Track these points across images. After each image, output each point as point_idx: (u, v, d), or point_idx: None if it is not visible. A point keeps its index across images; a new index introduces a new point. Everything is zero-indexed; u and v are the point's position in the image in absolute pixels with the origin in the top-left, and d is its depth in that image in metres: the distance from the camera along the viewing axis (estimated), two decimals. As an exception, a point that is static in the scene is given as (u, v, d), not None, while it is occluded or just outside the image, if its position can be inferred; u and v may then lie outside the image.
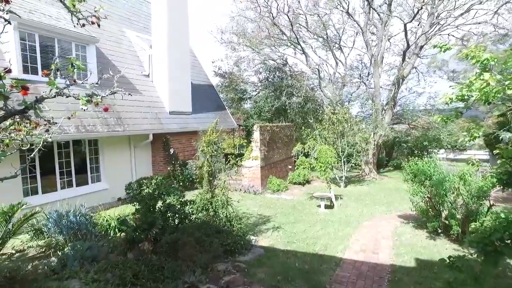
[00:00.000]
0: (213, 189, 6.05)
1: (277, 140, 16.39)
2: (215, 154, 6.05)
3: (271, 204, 11.42)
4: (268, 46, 19.97)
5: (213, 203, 5.81)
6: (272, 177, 15.07)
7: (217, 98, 18.87)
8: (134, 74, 13.13)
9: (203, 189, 6.02)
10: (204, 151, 6.03)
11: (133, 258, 5.29)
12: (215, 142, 6.15)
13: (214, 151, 6.15)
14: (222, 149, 6.30)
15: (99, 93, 4.18)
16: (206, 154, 5.95)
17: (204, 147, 6.05)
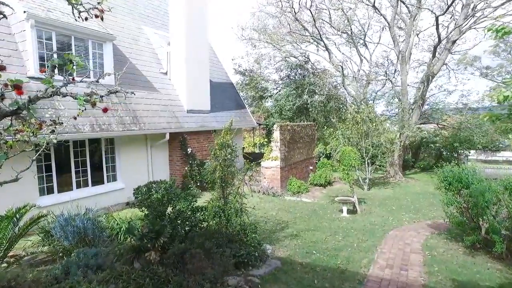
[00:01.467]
0: (226, 195, 5.63)
1: (298, 140, 15.82)
2: (228, 157, 5.61)
3: (290, 208, 10.91)
4: (290, 43, 19.36)
5: (225, 210, 5.39)
6: (292, 178, 14.55)
7: (236, 96, 18.49)
8: (152, 72, 12.93)
9: (215, 196, 5.61)
10: (216, 154, 5.62)
11: (139, 268, 4.95)
12: (229, 144, 5.71)
13: (228, 154, 5.71)
14: (236, 153, 5.85)
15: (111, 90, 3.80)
16: (218, 158, 5.53)
17: (217, 150, 5.63)
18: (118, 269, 4.91)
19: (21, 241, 6.51)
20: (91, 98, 3.87)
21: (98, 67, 10.33)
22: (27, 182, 8.45)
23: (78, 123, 8.88)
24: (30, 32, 8.53)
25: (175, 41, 13.22)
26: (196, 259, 4.56)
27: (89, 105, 3.78)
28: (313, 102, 19.78)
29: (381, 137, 14.95)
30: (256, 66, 21.65)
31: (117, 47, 11.79)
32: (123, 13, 13.47)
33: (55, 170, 9.12)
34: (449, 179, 6.58)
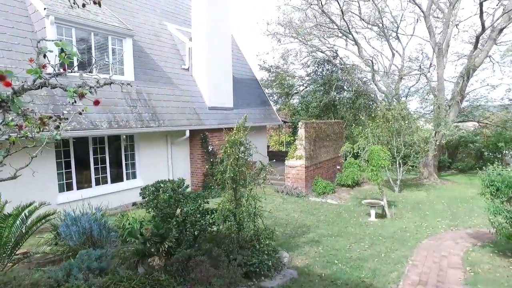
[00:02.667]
0: (238, 198, 5.16)
1: (324, 138, 15.09)
2: (241, 156, 5.14)
3: (314, 210, 10.28)
4: (317, 37, 18.53)
5: (236, 214, 4.93)
6: (318, 178, 13.87)
7: (261, 93, 18.02)
8: (173, 68, 12.74)
9: (226, 198, 5.17)
10: (227, 153, 5.16)
11: (143, 273, 4.61)
12: (241, 142, 5.24)
13: (242, 153, 5.24)
14: (250, 152, 5.36)
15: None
16: (229, 157, 5.08)
17: (227, 148, 5.18)
18: (121, 273, 4.58)
19: (35, 238, 6.45)
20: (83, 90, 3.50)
21: (118, 63, 10.23)
22: (47, 178, 8.47)
23: (95, 119, 8.78)
24: (50, 29, 8.52)
25: (197, 36, 12.95)
26: (201, 267, 4.13)
27: (78, 97, 3.42)
28: (341, 99, 18.88)
29: (414, 135, 13.88)
30: (282, 62, 21.03)
31: (138, 43, 11.68)
32: (145, 10, 13.38)
33: (74, 166, 9.10)
34: (497, 184, 5.70)
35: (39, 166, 8.28)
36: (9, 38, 8.29)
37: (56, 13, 8.57)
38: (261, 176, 5.33)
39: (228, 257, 4.83)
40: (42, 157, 8.40)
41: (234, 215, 4.97)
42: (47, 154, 8.49)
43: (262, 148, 17.53)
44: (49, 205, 5.67)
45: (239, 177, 5.07)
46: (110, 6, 11.56)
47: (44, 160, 8.40)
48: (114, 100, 9.63)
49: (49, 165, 8.52)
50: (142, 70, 11.23)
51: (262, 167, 5.40)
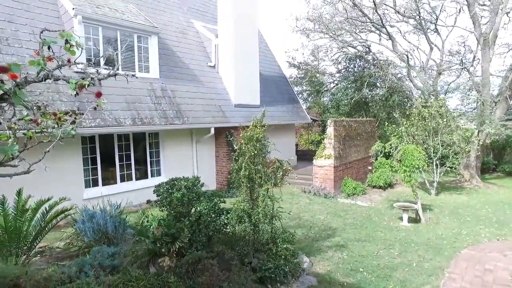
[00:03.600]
0: (255, 198, 4.86)
1: (355, 137, 14.41)
2: (258, 154, 4.84)
3: (342, 212, 9.75)
4: (348, 32, 17.74)
5: (252, 215, 4.63)
6: (348, 178, 13.26)
7: (289, 90, 17.59)
8: (199, 65, 12.69)
9: (240, 197, 4.89)
10: (242, 149, 4.88)
11: (154, 273, 4.46)
12: (259, 138, 4.93)
13: (259, 150, 4.94)
14: (267, 149, 5.05)
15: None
16: (245, 154, 4.80)
17: (243, 145, 4.90)
18: (132, 273, 4.46)
19: (60, 232, 6.56)
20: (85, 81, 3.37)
21: (144, 61, 10.29)
22: (74, 174, 8.66)
23: (119, 116, 8.87)
24: (78, 28, 8.70)
25: (223, 33, 12.81)
26: (211, 271, 3.88)
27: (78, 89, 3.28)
28: (373, 96, 17.98)
29: (454, 134, 12.83)
30: (312, 59, 20.41)
31: (164, 41, 11.73)
32: (172, 8, 13.45)
33: (100, 163, 9.26)
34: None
35: (66, 162, 8.50)
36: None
37: (84, 12, 8.75)
38: (278, 175, 4.98)
39: (242, 261, 4.56)
40: (69, 153, 8.63)
41: (249, 216, 4.68)
42: (74, 151, 8.69)
43: (290, 147, 17.11)
44: (69, 200, 5.68)
45: (255, 175, 4.77)
46: (137, 5, 11.71)
47: (71, 157, 8.61)
48: (139, 98, 9.69)
49: (76, 162, 8.71)
50: (168, 67, 11.26)
51: (279, 165, 5.06)
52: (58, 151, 8.34)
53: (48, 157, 8.07)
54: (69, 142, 8.50)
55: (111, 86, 9.15)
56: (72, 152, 8.63)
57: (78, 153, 8.78)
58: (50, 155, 8.24)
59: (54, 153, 8.31)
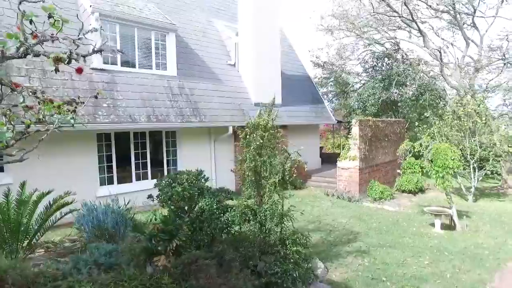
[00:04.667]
0: (262, 194, 4.39)
1: (382, 138, 13.57)
2: (266, 145, 4.38)
3: (366, 216, 9.03)
4: (375, 29, 16.87)
5: (257, 213, 4.17)
6: (374, 182, 12.44)
7: (313, 90, 16.99)
8: (219, 63, 12.45)
9: (246, 193, 4.43)
10: (247, 139, 4.44)
11: (151, 273, 4.11)
12: (266, 127, 4.48)
13: (267, 140, 4.48)
14: (277, 140, 4.59)
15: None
16: (250, 144, 4.36)
17: (247, 135, 4.46)
18: (127, 272, 4.12)
19: (66, 229, 6.42)
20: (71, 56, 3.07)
21: (161, 58, 10.17)
22: (89, 171, 8.59)
23: (134, 113, 8.73)
24: (95, 25, 8.69)
25: (243, 30, 12.54)
26: (206, 272, 3.46)
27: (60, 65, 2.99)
28: (402, 96, 16.94)
29: (495, 135, 11.68)
30: (336, 57, 19.62)
31: (183, 39, 11.61)
32: (192, 7, 13.37)
33: (116, 161, 9.16)
34: None
35: (81, 159, 8.45)
36: (60, 36, 8.61)
37: (101, 9, 8.74)
38: (286, 167, 4.48)
39: (246, 263, 4.09)
40: (84, 150, 8.58)
41: (254, 213, 4.22)
42: (90, 148, 8.64)
43: (314, 149, 16.46)
44: (75, 195, 5.48)
45: (261, 168, 4.30)
46: (157, 5, 11.67)
47: (86, 154, 8.56)
48: (155, 95, 9.55)
49: (91, 159, 8.65)
50: (186, 65, 11.09)
51: (287, 156, 4.56)
52: (74, 148, 8.32)
53: (64, 153, 8.00)
54: (85, 139, 8.46)
55: (127, 83, 9.07)
56: (87, 149, 8.58)
57: (94, 150, 8.72)
58: (65, 151, 8.28)
59: (70, 150, 8.29)
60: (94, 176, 8.71)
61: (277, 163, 4.41)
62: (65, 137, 8.10)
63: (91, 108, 8.02)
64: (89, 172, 8.59)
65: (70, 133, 8.03)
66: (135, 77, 9.37)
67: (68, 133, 8.01)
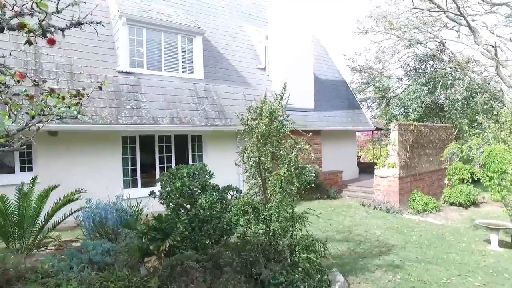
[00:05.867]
0: (266, 190, 3.84)
1: (426, 145, 12.33)
2: (272, 133, 3.84)
3: (405, 228, 8.02)
4: (416, 28, 15.62)
5: (260, 211, 3.62)
6: (417, 192, 11.25)
7: (349, 95, 16.10)
8: (248, 67, 12.19)
9: (248, 187, 3.90)
10: (249, 126, 3.93)
11: (144, 274, 3.72)
12: (274, 113, 3.96)
13: (276, 129, 3.94)
14: (285, 130, 4.05)
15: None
16: (253, 132, 3.85)
17: (249, 121, 3.95)
18: (118, 272, 3.78)
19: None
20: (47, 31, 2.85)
21: (188, 61, 10.12)
22: (113, 174, 8.60)
23: (157, 115, 8.65)
24: (122, 30, 8.84)
25: (274, 33, 12.23)
26: (190, 275, 2.97)
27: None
28: (448, 97, 15.38)
29: None
30: (375, 61, 18.51)
31: (211, 43, 11.54)
32: (223, 13, 13.36)
33: (140, 164, 9.12)
34: None
35: (106, 160, 8.49)
36: (90, 42, 8.87)
37: (128, 14, 8.89)
38: (292, 156, 3.88)
39: (248, 270, 3.55)
40: (109, 152, 8.61)
41: (256, 211, 3.67)
42: (114, 150, 8.67)
43: (350, 157, 15.44)
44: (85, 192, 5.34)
45: (265, 159, 3.76)
46: (187, 12, 11.77)
47: (111, 156, 8.59)
48: (180, 97, 9.45)
49: (116, 161, 8.66)
50: (214, 69, 10.96)
51: (294, 144, 3.96)
52: (99, 149, 8.39)
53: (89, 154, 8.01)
54: (110, 141, 8.52)
55: (152, 86, 9.07)
56: (112, 151, 8.61)
57: (118, 153, 8.74)
58: (91, 152, 8.36)
59: (95, 151, 8.36)
60: (118, 178, 8.70)
61: (283, 153, 3.84)
62: (91, 138, 8.21)
63: (114, 109, 8.06)
64: (113, 174, 8.59)
65: (94, 134, 8.12)
66: (161, 80, 9.36)
67: (93, 134, 8.10)
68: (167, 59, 9.71)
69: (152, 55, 9.48)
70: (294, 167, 3.84)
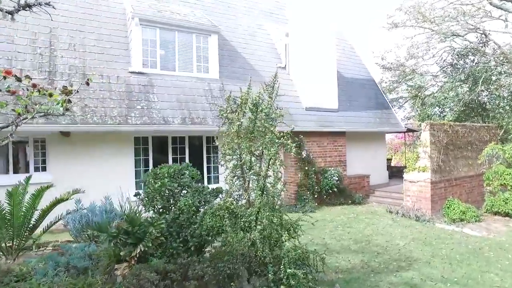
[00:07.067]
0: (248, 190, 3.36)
1: (464, 147, 11.15)
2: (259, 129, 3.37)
3: (435, 239, 7.14)
4: (454, 19, 14.28)
5: (239, 217, 3.13)
6: (453, 199, 10.16)
7: (378, 94, 15.13)
8: (267, 66, 11.76)
9: (228, 189, 3.42)
10: (228, 118, 3.48)
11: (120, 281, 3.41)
12: (258, 102, 3.47)
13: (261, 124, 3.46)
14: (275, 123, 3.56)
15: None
16: (233, 124, 3.40)
17: (227, 111, 3.50)
18: (88, 279, 3.52)
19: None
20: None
21: (203, 61, 9.90)
22: (125, 174, 8.53)
23: (168, 115, 8.48)
24: (135, 30, 8.80)
25: (294, 30, 11.76)
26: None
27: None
28: (491, 93, 13.88)
29: None
30: (406, 57, 17.23)
31: (229, 43, 11.30)
32: (242, 12, 13.08)
33: (152, 165, 8.96)
34: None
35: (119, 162, 8.44)
36: (105, 43, 8.95)
37: (141, 14, 8.84)
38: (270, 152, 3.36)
39: (227, 285, 3.10)
40: (122, 153, 8.54)
41: (234, 215, 3.21)
42: (126, 151, 8.60)
43: (378, 160, 14.44)
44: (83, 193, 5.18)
45: (247, 156, 3.29)
46: (205, 12, 11.62)
47: (123, 157, 8.53)
48: (193, 97, 9.24)
49: (128, 162, 8.59)
50: (230, 68, 10.68)
51: (272, 136, 3.43)
52: (112, 150, 8.36)
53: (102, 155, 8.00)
54: (122, 142, 8.47)
55: (164, 86, 8.94)
56: (125, 152, 8.56)
57: (131, 154, 8.67)
58: (104, 153, 8.34)
59: (108, 152, 8.31)
60: (131, 179, 8.62)
61: (258, 145, 3.33)
62: (103, 139, 8.20)
63: (124, 110, 7.99)
64: (126, 175, 8.52)
65: (105, 134, 8.09)
66: (174, 80, 9.21)
67: (104, 134, 8.08)
68: (181, 59, 9.55)
69: (166, 55, 9.37)
70: (278, 163, 3.31)
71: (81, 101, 7.60)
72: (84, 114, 7.43)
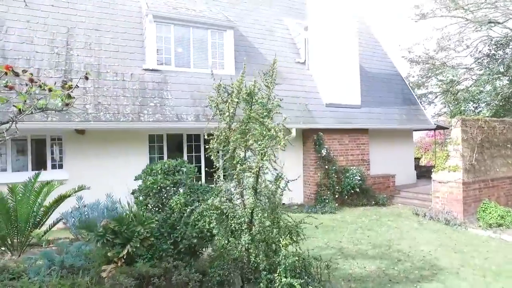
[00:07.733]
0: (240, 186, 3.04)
1: (502, 144, 10.24)
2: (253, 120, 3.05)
3: (466, 246, 6.48)
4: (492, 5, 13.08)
5: (229, 218, 2.83)
6: (490, 202, 9.33)
7: (405, 89, 14.30)
8: (285, 62, 11.39)
9: (218, 188, 3.12)
10: (218, 108, 3.18)
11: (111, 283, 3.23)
12: (252, 94, 3.16)
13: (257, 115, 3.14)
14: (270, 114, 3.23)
15: None
16: (223, 113, 3.10)
17: (217, 101, 3.20)
18: (78, 279, 3.37)
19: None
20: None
21: (218, 57, 9.71)
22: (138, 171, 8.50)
23: (182, 112, 8.35)
24: (150, 27, 8.75)
25: (314, 23, 11.30)
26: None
27: None
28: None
29: None
30: (436, 49, 16.09)
31: (246, 38, 11.04)
32: (260, 7, 12.79)
33: (167, 162, 8.90)
34: None
35: (133, 160, 8.41)
36: (120, 41, 8.97)
37: (155, 11, 8.77)
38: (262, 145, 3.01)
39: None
40: (136, 151, 8.51)
41: (225, 216, 2.91)
42: (141, 149, 8.57)
43: (405, 159, 13.63)
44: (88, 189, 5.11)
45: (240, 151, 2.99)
46: (223, 8, 11.43)
47: (138, 155, 8.49)
48: (208, 94, 9.03)
49: (142, 160, 8.52)
50: (247, 64, 10.36)
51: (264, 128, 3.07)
52: (127, 148, 8.36)
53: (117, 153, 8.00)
54: (137, 140, 8.44)
55: (178, 83, 8.82)
56: (139, 150, 8.53)
57: (145, 152, 8.63)
58: (119, 151, 8.34)
59: (123, 150, 8.32)
60: (145, 177, 8.56)
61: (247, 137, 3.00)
62: (118, 137, 8.20)
63: (137, 107, 7.94)
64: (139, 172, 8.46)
65: (119, 132, 8.08)
66: (189, 77, 9.08)
67: (118, 132, 8.07)
68: (196, 55, 9.41)
69: (181, 51, 9.25)
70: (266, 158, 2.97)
71: (95, 99, 7.62)
72: (97, 112, 7.44)
